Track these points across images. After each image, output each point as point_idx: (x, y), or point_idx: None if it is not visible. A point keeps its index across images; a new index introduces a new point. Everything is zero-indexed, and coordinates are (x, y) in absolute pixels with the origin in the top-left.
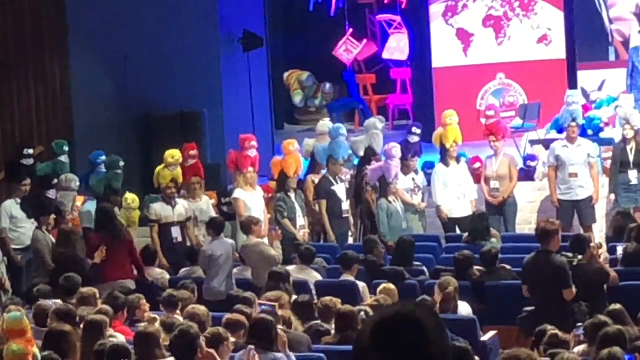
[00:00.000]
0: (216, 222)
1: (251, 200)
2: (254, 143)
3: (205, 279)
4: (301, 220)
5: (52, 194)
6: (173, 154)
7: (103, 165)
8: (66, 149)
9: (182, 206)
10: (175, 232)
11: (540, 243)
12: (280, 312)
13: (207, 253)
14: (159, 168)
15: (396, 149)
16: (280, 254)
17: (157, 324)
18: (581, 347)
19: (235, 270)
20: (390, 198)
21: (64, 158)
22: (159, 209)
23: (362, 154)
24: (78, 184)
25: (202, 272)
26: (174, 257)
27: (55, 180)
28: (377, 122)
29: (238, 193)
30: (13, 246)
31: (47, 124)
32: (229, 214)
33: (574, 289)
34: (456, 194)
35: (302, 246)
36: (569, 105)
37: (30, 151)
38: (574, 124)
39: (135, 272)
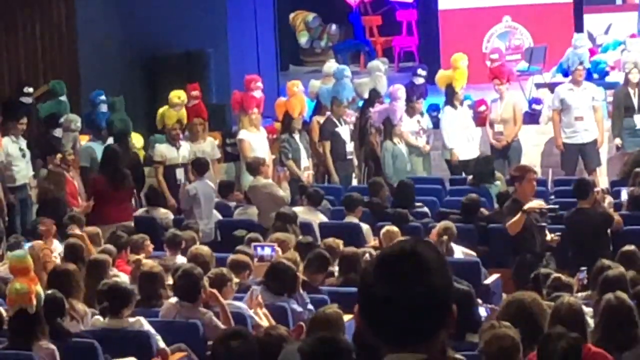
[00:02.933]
0: (200, 162)
1: (256, 141)
2: (260, 84)
3: (186, 219)
4: (305, 161)
5: (58, 132)
6: (178, 95)
7: (105, 105)
8: (64, 90)
9: (186, 148)
10: (180, 173)
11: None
12: (287, 255)
13: (191, 192)
14: (163, 109)
15: (401, 91)
16: (288, 195)
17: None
18: (584, 293)
19: (237, 211)
20: (395, 140)
21: (63, 98)
22: (164, 150)
23: (366, 96)
24: (79, 124)
25: (204, 212)
26: (178, 199)
27: (62, 119)
28: (380, 64)
29: (243, 134)
30: (7, 185)
31: (52, 64)
32: (233, 155)
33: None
34: (465, 137)
35: (309, 188)
36: (576, 48)
37: (30, 89)
38: (580, 67)
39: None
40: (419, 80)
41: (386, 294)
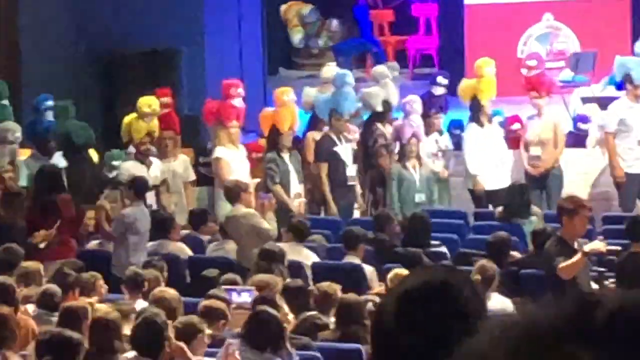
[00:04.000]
0: (140, 182)
1: (235, 161)
2: (240, 90)
3: (115, 250)
4: (296, 186)
5: None
6: (149, 102)
7: (50, 113)
8: (6, 92)
9: (157, 166)
10: (150, 197)
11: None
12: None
13: (127, 219)
14: (129, 118)
15: (416, 104)
16: (275, 228)
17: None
18: None
19: (211, 246)
20: (410, 163)
21: (5, 102)
22: (131, 168)
23: (380, 108)
24: (18, 135)
25: (172, 245)
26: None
27: None
28: (385, 70)
29: (220, 152)
30: None
31: None
32: (207, 177)
33: None
34: (493, 161)
35: (293, 219)
36: (638, 56)
37: None
38: None
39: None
40: (439, 91)
41: (413, 342)
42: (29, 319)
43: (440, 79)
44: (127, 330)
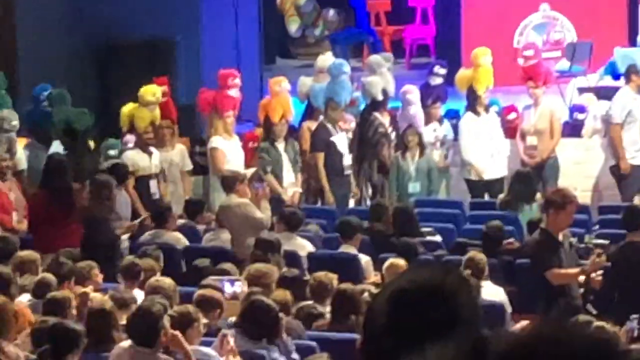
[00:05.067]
0: (118, 168)
1: (231, 151)
2: (237, 81)
3: None
4: (290, 176)
5: None
6: (154, 91)
7: (46, 102)
8: (5, 82)
9: (157, 156)
10: (154, 186)
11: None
12: (278, 293)
13: None
14: (131, 107)
15: (413, 94)
16: (269, 217)
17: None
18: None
19: (207, 236)
20: (408, 154)
21: (3, 92)
22: (136, 157)
23: (380, 97)
24: (15, 123)
25: (168, 235)
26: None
27: None
28: (381, 60)
29: (217, 141)
30: None
31: None
32: (204, 167)
33: None
34: (489, 151)
35: (285, 209)
36: None
37: None
38: None
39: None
40: (436, 80)
41: (401, 346)
42: (25, 309)
43: (437, 69)
44: (123, 319)
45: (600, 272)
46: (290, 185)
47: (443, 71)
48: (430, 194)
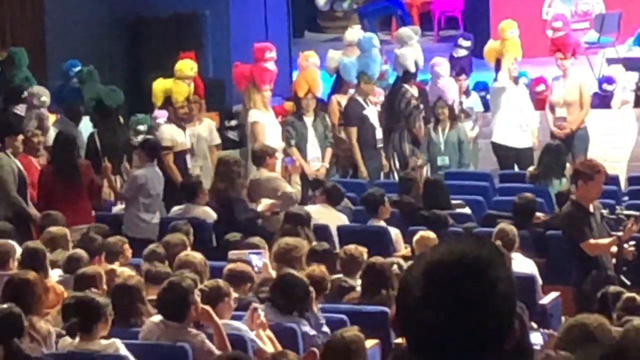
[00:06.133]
0: (151, 144)
1: (270, 125)
2: (273, 54)
3: (127, 210)
4: (316, 150)
5: (20, 109)
6: (191, 65)
7: (76, 79)
8: (26, 59)
9: (189, 131)
10: (190, 161)
11: None
12: (313, 267)
13: (140, 180)
14: (167, 82)
15: (442, 66)
16: (299, 191)
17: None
18: None
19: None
20: (440, 126)
21: (25, 69)
22: (173, 132)
23: (413, 69)
24: (45, 99)
25: (198, 210)
26: None
27: (25, 93)
28: (410, 32)
29: (256, 115)
30: None
31: (13, 27)
32: (235, 141)
33: None
34: (518, 122)
35: (327, 182)
36: None
37: None
38: None
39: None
40: (460, 52)
41: (435, 321)
42: (56, 285)
43: (461, 41)
44: (152, 295)
45: (632, 242)
46: (315, 159)
47: (467, 43)
48: (461, 166)
